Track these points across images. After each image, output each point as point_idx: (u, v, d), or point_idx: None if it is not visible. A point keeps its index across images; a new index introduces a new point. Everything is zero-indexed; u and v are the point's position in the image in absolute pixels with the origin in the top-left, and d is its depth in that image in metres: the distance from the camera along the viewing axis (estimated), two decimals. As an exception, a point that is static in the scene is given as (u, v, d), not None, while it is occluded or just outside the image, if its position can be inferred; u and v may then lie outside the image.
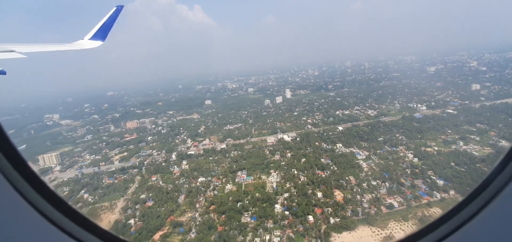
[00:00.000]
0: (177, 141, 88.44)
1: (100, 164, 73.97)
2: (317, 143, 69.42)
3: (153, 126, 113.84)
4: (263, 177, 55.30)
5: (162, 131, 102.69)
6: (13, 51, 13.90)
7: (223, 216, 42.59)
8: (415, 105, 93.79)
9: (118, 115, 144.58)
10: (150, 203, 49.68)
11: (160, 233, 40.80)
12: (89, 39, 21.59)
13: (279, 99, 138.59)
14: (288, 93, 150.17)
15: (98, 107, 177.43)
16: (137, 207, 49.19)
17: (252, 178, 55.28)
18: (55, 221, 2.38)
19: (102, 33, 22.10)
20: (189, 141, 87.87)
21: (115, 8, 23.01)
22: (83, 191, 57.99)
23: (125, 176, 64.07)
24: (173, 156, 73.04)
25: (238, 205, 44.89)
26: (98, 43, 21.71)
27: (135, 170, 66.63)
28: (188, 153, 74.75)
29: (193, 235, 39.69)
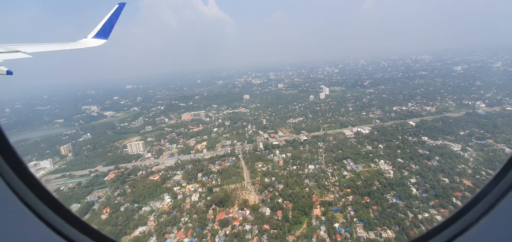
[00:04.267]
0: (249, 133, 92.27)
1: (191, 151, 77.74)
2: (399, 136, 73.94)
3: (207, 119, 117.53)
4: (371, 165, 59.74)
5: (225, 123, 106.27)
6: (19, 51, 14.34)
7: (366, 197, 46.98)
8: (470, 103, 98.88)
9: (162, 108, 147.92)
10: (280, 186, 53.82)
11: (316, 211, 44.99)
12: (92, 38, 21.81)
13: (322, 95, 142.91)
14: (326, 90, 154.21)
15: (132, 100, 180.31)
16: (270, 189, 53.33)
17: (361, 165, 59.69)
18: (50, 223, 2.41)
19: (105, 31, 22.32)
20: (260, 132, 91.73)
21: (117, 5, 23.07)
22: (200, 175, 61.90)
23: (227, 163, 68.01)
24: (261, 146, 77.03)
25: (374, 188, 49.32)
26: (101, 41, 21.93)
27: (233, 158, 70.65)
28: (273, 143, 78.74)
29: (352, 213, 44.09)
